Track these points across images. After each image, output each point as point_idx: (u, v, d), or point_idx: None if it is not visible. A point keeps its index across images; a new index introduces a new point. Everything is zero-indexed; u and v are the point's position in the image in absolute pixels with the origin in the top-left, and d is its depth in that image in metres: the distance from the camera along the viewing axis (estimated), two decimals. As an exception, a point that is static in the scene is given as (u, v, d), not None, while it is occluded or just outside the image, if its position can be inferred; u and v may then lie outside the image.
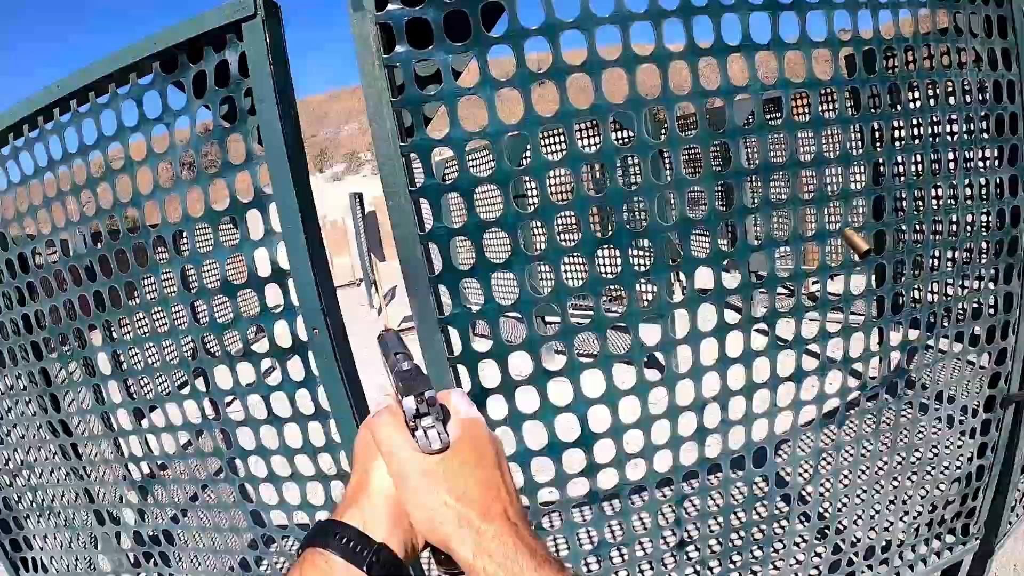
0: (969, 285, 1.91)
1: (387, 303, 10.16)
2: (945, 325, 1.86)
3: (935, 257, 1.96)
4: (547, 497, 1.55)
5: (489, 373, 1.44)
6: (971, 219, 1.79)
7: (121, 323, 1.82)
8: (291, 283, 1.45)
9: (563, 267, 1.42)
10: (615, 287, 1.53)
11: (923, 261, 1.77)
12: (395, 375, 0.61)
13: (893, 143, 1.67)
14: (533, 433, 1.47)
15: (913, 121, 1.68)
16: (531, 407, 1.44)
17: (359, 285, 12.12)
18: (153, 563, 2.17)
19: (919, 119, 1.68)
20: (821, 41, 1.51)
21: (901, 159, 1.70)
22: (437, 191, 1.38)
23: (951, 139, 1.77)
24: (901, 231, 1.75)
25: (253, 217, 1.47)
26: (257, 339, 1.70)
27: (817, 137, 1.55)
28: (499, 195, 1.38)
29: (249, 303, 1.60)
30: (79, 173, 1.66)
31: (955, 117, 1.74)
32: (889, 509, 1.94)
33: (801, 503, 1.76)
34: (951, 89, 1.75)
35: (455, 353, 1.44)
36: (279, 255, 1.44)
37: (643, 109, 1.39)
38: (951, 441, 2.04)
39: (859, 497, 1.81)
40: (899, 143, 1.69)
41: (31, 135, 1.68)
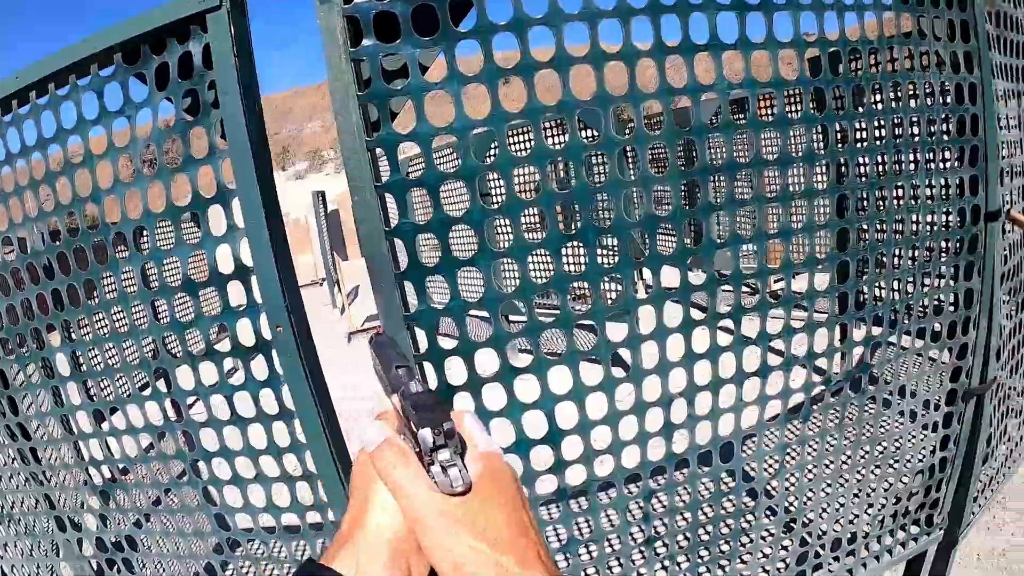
0: (931, 282, 1.96)
1: (350, 303, 10.01)
2: (907, 321, 1.90)
3: (897, 256, 2.00)
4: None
5: (455, 371, 1.43)
6: (932, 218, 1.84)
7: (80, 323, 1.78)
8: (254, 280, 1.43)
9: (528, 265, 1.42)
10: (580, 285, 1.54)
11: (885, 259, 1.81)
12: (404, 398, 0.55)
13: (856, 143, 1.71)
14: (500, 431, 1.47)
15: (877, 122, 1.71)
16: (498, 404, 1.44)
17: (322, 284, 11.92)
18: (116, 570, 2.12)
19: (882, 120, 1.72)
20: (787, 42, 1.54)
21: (864, 159, 1.73)
22: (403, 186, 1.37)
23: (914, 140, 1.81)
24: (864, 230, 1.79)
25: (215, 213, 1.45)
26: (220, 338, 1.67)
27: (783, 137, 1.58)
28: (465, 192, 1.38)
29: (212, 302, 1.57)
30: (38, 168, 1.62)
31: (917, 119, 1.78)
32: (854, 501, 1.97)
33: (767, 497, 1.78)
34: (914, 92, 1.80)
35: (421, 351, 1.43)
36: (242, 252, 1.42)
37: (610, 107, 1.40)
38: (914, 434, 2.09)
39: (824, 490, 1.84)
40: (863, 143, 1.73)
41: (-12, 128, 1.64)
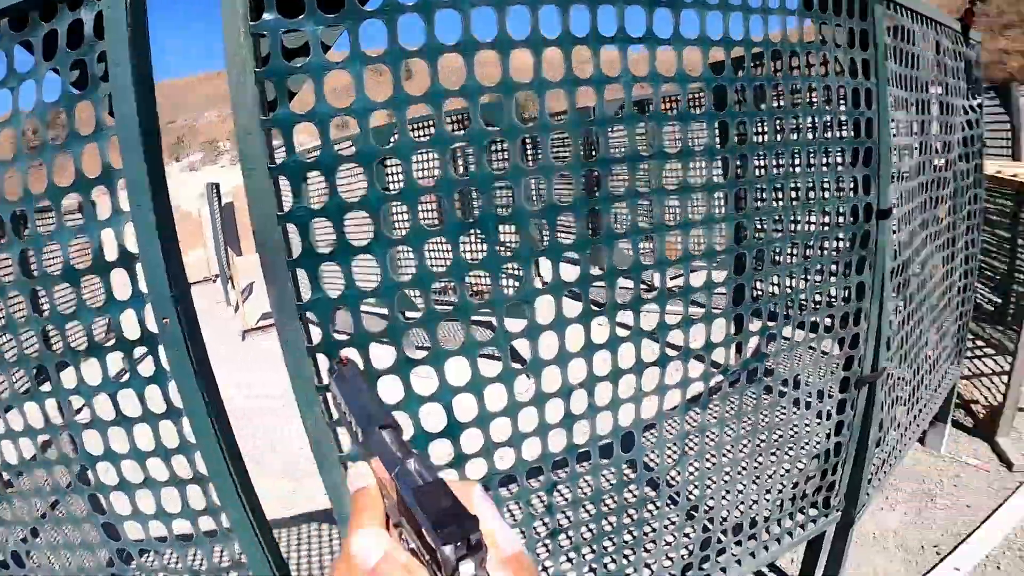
0: (824, 276, 2.07)
1: (244, 300, 9.46)
2: (802, 313, 1.99)
3: (792, 250, 2.10)
4: None
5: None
6: (827, 214, 1.93)
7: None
8: (139, 268, 1.35)
9: (427, 254, 1.41)
10: (477, 280, 1.54)
11: (780, 254, 1.90)
12: (402, 483, 0.45)
13: (756, 136, 1.77)
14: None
15: (777, 123, 1.79)
16: (395, 397, 1.42)
17: (215, 281, 11.34)
18: (0, 589, 1.95)
19: (781, 120, 1.79)
20: (694, 39, 1.57)
21: (762, 155, 1.80)
22: (298, 169, 1.32)
23: (811, 139, 1.91)
24: (759, 227, 1.87)
25: (101, 195, 1.37)
26: (104, 332, 1.58)
27: (683, 131, 1.61)
28: (362, 177, 1.35)
29: (96, 292, 1.48)
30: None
31: (815, 121, 1.87)
32: (754, 487, 2.05)
33: (669, 486, 1.83)
34: (812, 94, 1.88)
35: (314, 342, 1.39)
36: (127, 237, 1.34)
37: (514, 94, 1.41)
38: (809, 421, 2.19)
39: (725, 477, 1.90)
40: (762, 136, 1.78)
41: None
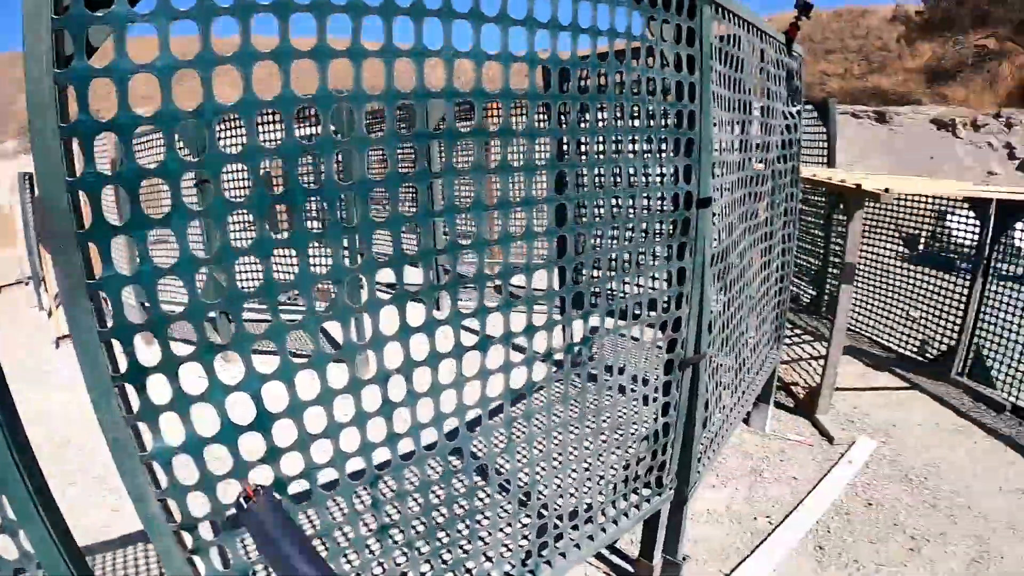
0: (647, 260, 2.10)
1: (58, 305, 8.54)
2: (625, 296, 2.06)
3: (613, 235, 2.09)
4: (228, 491, 1.38)
5: (148, 349, 1.25)
6: (650, 202, 2.02)
7: None
8: None
9: (231, 229, 1.30)
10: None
11: (603, 236, 1.96)
12: None
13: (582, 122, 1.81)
14: (203, 417, 1.31)
15: (601, 112, 1.81)
16: (198, 387, 1.29)
17: (27, 284, 10.05)
18: None
19: (605, 109, 1.81)
20: (521, 56, 1.57)
21: (585, 140, 1.84)
22: (92, 129, 1.15)
23: (634, 128, 1.97)
24: (584, 206, 1.93)
25: None
26: None
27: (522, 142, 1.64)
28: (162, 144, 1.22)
29: None
30: None
31: (638, 109, 1.92)
32: (586, 471, 2.08)
33: (498, 474, 1.84)
34: (638, 87, 1.92)
35: (107, 325, 1.23)
36: None
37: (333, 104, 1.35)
38: (637, 403, 2.27)
39: (555, 463, 1.95)
40: (586, 123, 1.83)
41: None
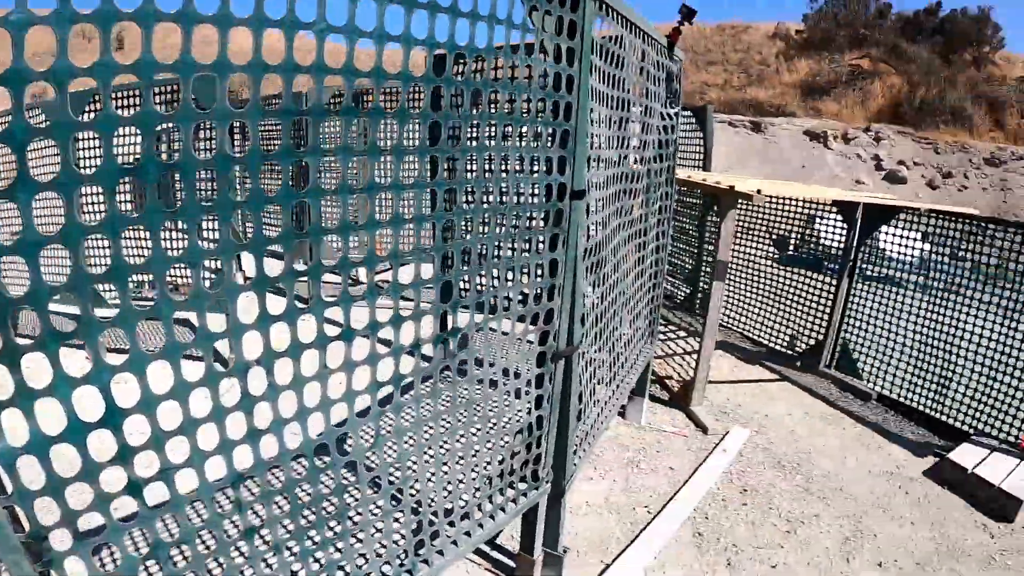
0: (519, 251, 2.05)
1: None
2: (495, 286, 2.04)
3: (485, 223, 2.02)
4: (78, 498, 1.28)
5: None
6: (522, 192, 1.98)
7: None
8: None
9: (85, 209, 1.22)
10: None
11: (473, 223, 1.87)
12: None
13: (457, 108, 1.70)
14: (48, 414, 1.22)
15: (475, 97, 1.75)
16: (42, 380, 1.20)
17: None
18: None
19: (481, 95, 1.78)
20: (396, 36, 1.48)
21: (457, 126, 1.75)
22: None
23: (510, 117, 1.88)
24: (465, 197, 1.93)
25: None
26: None
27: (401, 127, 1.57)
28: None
29: None
30: None
31: (512, 97, 1.83)
32: (460, 466, 2.05)
33: (368, 471, 1.82)
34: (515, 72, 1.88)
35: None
36: None
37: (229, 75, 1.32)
38: (510, 395, 2.23)
39: (427, 458, 1.97)
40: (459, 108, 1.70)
41: None
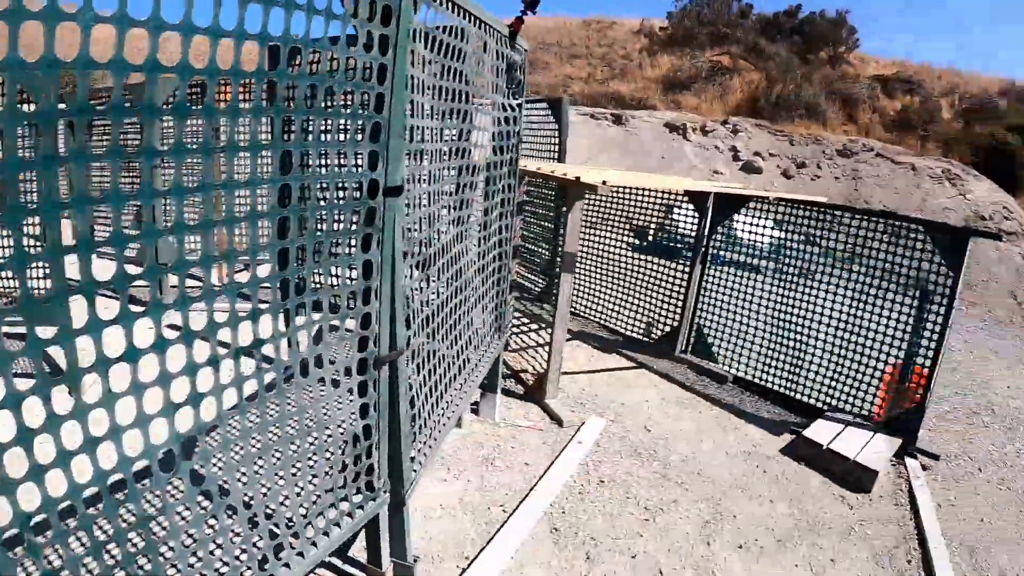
0: (329, 253, 1.93)
1: None
2: (303, 292, 1.83)
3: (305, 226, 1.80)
4: None
5: None
6: (334, 191, 1.81)
7: None
8: None
9: None
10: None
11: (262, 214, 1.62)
12: None
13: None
14: None
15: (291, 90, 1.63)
16: None
17: None
18: None
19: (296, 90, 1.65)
20: (255, 34, 1.41)
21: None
22: None
23: (311, 111, 1.72)
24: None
25: None
26: None
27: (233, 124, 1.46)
28: None
29: None
30: None
31: (314, 88, 1.69)
32: (293, 478, 1.91)
33: (195, 483, 1.64)
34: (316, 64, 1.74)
35: None
36: None
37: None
38: (337, 404, 2.09)
39: (258, 468, 1.83)
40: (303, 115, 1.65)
41: None
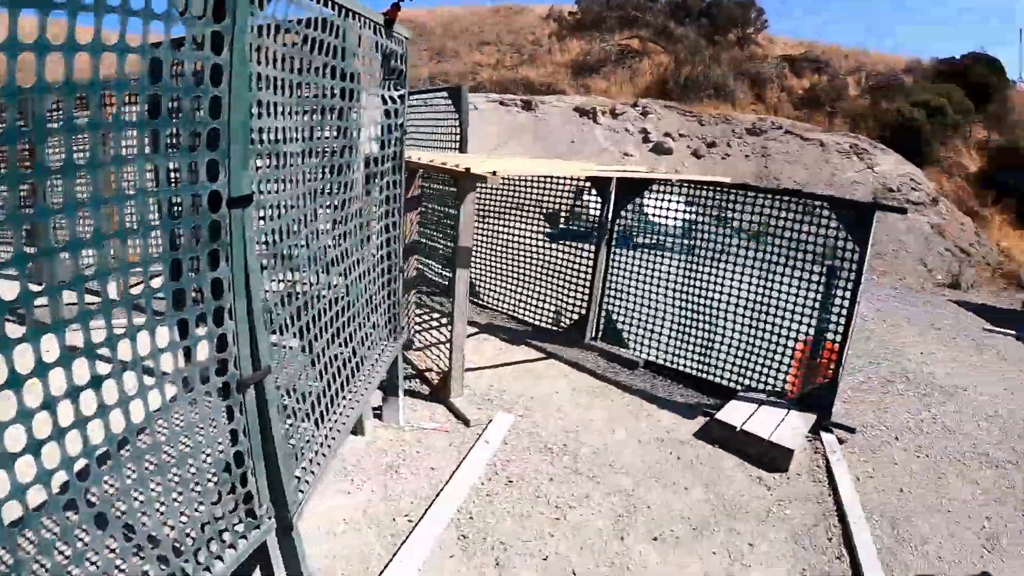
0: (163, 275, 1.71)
1: None
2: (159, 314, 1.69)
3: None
4: None
5: None
6: (170, 206, 1.68)
7: None
8: None
9: None
10: None
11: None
12: None
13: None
14: None
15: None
16: None
17: None
18: None
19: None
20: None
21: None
22: None
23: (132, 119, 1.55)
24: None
25: None
26: None
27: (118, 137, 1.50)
28: None
29: None
30: None
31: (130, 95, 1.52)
32: (177, 504, 1.80)
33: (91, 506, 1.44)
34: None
35: None
36: None
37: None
38: (201, 434, 1.91)
39: (140, 494, 1.65)
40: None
41: None
